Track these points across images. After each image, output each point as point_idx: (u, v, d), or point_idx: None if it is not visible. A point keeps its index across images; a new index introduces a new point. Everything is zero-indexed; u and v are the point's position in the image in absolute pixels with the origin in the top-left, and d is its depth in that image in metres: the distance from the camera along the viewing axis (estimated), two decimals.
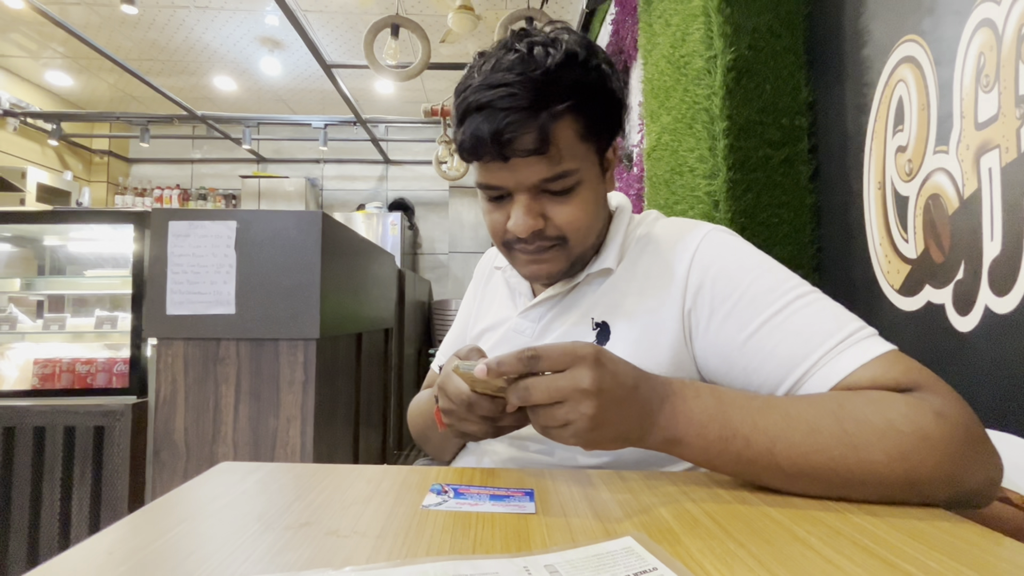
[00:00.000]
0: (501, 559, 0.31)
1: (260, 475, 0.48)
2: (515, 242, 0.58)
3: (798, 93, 1.01)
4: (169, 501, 0.42)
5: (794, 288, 0.51)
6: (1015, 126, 0.61)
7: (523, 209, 0.55)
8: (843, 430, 0.41)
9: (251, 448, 1.50)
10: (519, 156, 0.52)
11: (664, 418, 0.43)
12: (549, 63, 0.52)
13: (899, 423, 0.40)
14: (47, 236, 2.16)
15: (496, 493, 0.43)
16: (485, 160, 0.54)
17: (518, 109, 0.51)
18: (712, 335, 0.53)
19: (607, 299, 0.60)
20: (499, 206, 0.58)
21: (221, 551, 0.33)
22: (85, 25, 3.62)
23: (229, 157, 5.65)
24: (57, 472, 1.64)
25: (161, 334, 1.50)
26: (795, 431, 0.41)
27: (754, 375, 0.50)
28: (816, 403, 0.43)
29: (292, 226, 1.53)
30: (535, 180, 0.54)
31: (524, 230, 0.55)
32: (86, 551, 0.33)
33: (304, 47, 3.22)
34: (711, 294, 0.54)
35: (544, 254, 0.57)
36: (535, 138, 0.52)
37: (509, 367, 0.42)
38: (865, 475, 0.40)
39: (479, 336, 0.72)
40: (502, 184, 0.55)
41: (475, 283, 0.80)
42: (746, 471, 0.43)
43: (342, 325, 1.75)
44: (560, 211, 0.56)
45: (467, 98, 0.54)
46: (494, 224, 0.59)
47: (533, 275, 0.60)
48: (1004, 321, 0.63)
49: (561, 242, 0.57)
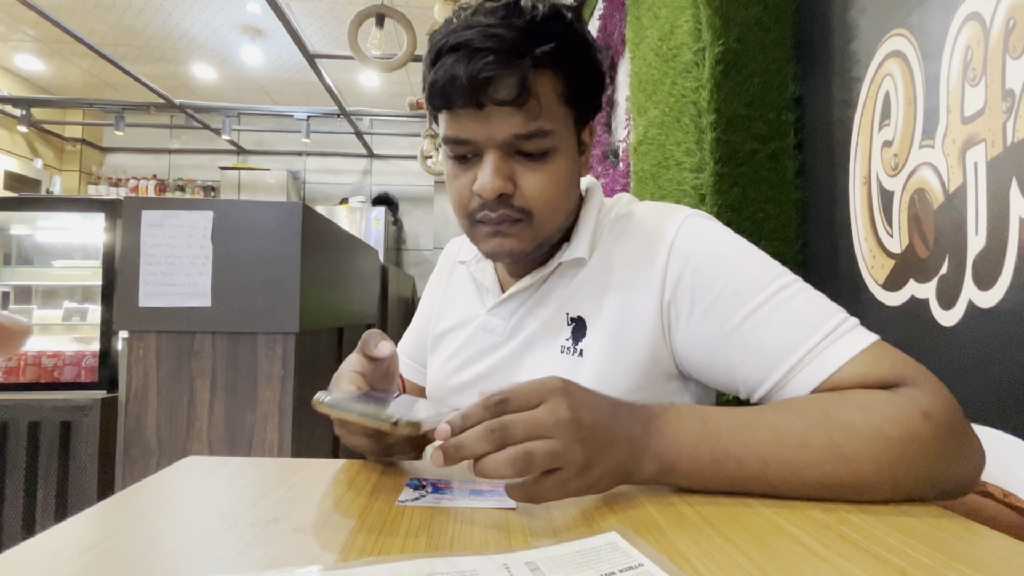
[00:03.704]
0: (480, 557, 0.30)
1: (228, 470, 0.45)
2: (479, 210, 0.53)
3: (785, 87, 1.01)
4: (127, 497, 0.39)
5: (777, 279, 0.49)
6: (1001, 120, 0.61)
7: (492, 168, 0.50)
8: (832, 442, 0.39)
9: (226, 445, 1.46)
10: (494, 104, 0.48)
11: (654, 443, 0.40)
12: (535, 13, 0.49)
13: (887, 428, 0.39)
14: (14, 225, 2.08)
15: (476, 488, 0.41)
16: (456, 107, 0.50)
17: (499, 52, 0.47)
18: (693, 329, 0.51)
19: (582, 291, 0.56)
20: (466, 168, 0.53)
21: (179, 550, 0.31)
22: (57, 7, 3.50)
23: (208, 148, 5.53)
24: (20, 469, 1.58)
25: (133, 327, 1.45)
26: (785, 447, 0.40)
27: (737, 371, 0.49)
28: (803, 413, 0.42)
29: (271, 217, 1.49)
30: (508, 134, 0.50)
31: (491, 191, 0.50)
32: (30, 550, 0.31)
33: (287, 36, 3.15)
34: (691, 286, 0.51)
35: (508, 227, 0.53)
36: (514, 84, 0.48)
37: (476, 418, 0.36)
38: (855, 484, 0.39)
39: (442, 336, 0.67)
40: (472, 137, 0.51)
41: (436, 279, 0.75)
42: (739, 490, 0.41)
43: (322, 319, 1.71)
44: (530, 179, 0.52)
45: (443, 38, 0.49)
46: (459, 190, 0.54)
47: (494, 251, 0.54)
48: (987, 315, 0.63)
49: (526, 217, 0.53)
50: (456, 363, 0.63)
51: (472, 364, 0.62)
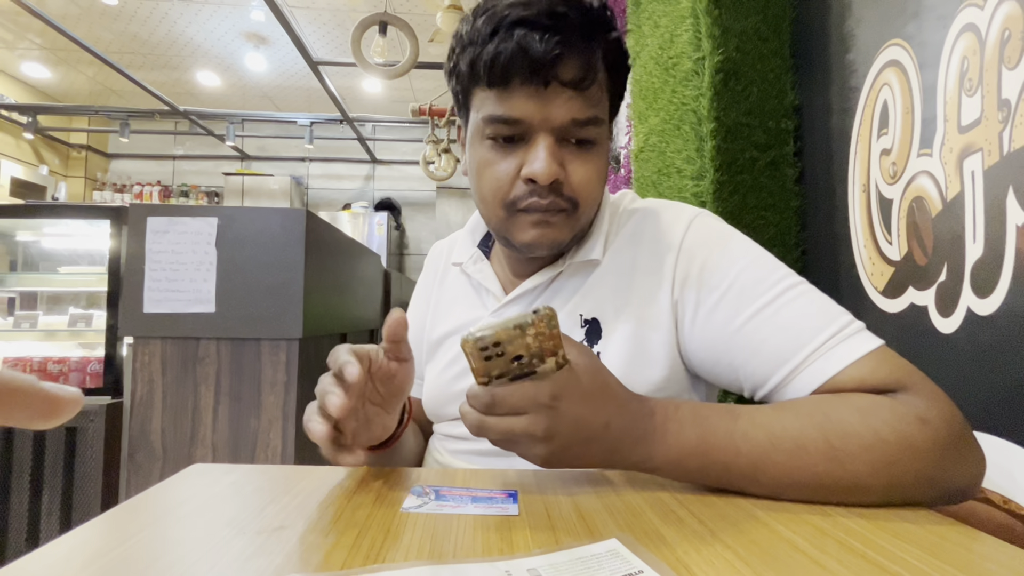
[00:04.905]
0: (482, 563, 0.30)
1: (234, 477, 0.46)
2: (526, 197, 0.51)
3: (784, 96, 1.02)
4: (135, 505, 0.40)
5: (782, 279, 0.49)
6: (997, 129, 0.62)
7: (548, 152, 0.48)
8: (829, 445, 0.40)
9: (231, 450, 1.46)
10: (559, 84, 0.47)
11: (637, 455, 0.42)
12: (592, 1, 0.48)
13: (884, 432, 0.40)
14: (20, 231, 2.10)
15: (479, 495, 0.42)
16: (515, 84, 0.47)
17: (571, 31, 0.45)
18: (699, 328, 0.51)
19: (595, 293, 0.56)
20: (508, 153, 0.50)
21: (187, 558, 0.31)
22: (64, 16, 3.54)
23: (212, 154, 5.56)
24: (26, 475, 1.59)
25: (138, 333, 1.46)
26: (780, 451, 0.40)
27: (741, 369, 0.49)
28: (802, 414, 0.42)
29: (275, 223, 1.50)
30: (567, 118, 0.48)
31: (548, 175, 0.48)
32: (42, 558, 0.31)
33: (290, 43, 3.17)
34: (698, 284, 0.51)
35: (553, 216, 0.51)
36: (582, 67, 0.46)
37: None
38: (849, 485, 0.40)
39: (440, 343, 0.65)
40: (527, 117, 0.48)
41: (425, 285, 0.72)
42: (726, 488, 0.42)
43: (326, 325, 1.72)
44: (579, 169, 0.50)
45: (503, 11, 0.46)
46: (499, 177, 0.51)
47: (536, 242, 0.53)
48: (986, 322, 0.63)
49: (572, 208, 0.52)
50: (458, 368, 0.62)
51: None
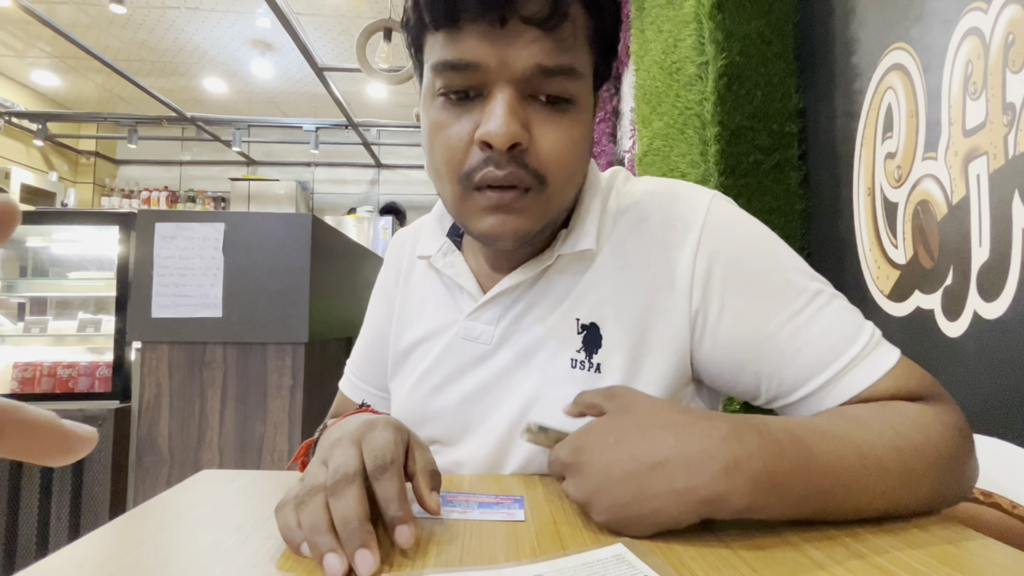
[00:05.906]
0: (488, 569, 0.30)
1: (242, 483, 0.46)
2: (479, 168, 0.41)
3: (788, 99, 1.02)
4: (145, 511, 0.40)
5: (811, 282, 0.45)
6: (1002, 133, 0.62)
7: (506, 107, 0.39)
8: (905, 467, 0.37)
9: (237, 454, 1.47)
10: (521, 21, 0.38)
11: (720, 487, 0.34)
12: None
13: (942, 447, 0.39)
14: (30, 237, 2.12)
15: (485, 501, 0.42)
16: (466, 21, 0.38)
17: None
18: (723, 335, 0.45)
19: (593, 294, 0.48)
20: (462, 112, 0.41)
21: (197, 563, 0.32)
22: (73, 24, 3.58)
23: (218, 159, 5.61)
24: (36, 479, 1.60)
25: (146, 337, 1.47)
26: (869, 474, 0.36)
27: (768, 378, 0.45)
28: (877, 430, 0.38)
29: (281, 229, 1.51)
30: (531, 63, 0.39)
31: (504, 136, 0.39)
32: (57, 563, 0.32)
33: (296, 50, 3.20)
34: (722, 287, 0.46)
35: (516, 200, 0.42)
36: (548, 0, 0.38)
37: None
38: (913, 508, 0.38)
39: (409, 351, 0.55)
40: (482, 61, 0.39)
41: (386, 282, 0.62)
42: (812, 519, 0.37)
43: (331, 329, 1.73)
44: (548, 132, 0.41)
45: None
46: (450, 142, 0.41)
47: (494, 232, 0.43)
48: (992, 326, 0.63)
49: (538, 184, 0.42)
50: (433, 382, 0.53)
51: (455, 381, 0.52)
